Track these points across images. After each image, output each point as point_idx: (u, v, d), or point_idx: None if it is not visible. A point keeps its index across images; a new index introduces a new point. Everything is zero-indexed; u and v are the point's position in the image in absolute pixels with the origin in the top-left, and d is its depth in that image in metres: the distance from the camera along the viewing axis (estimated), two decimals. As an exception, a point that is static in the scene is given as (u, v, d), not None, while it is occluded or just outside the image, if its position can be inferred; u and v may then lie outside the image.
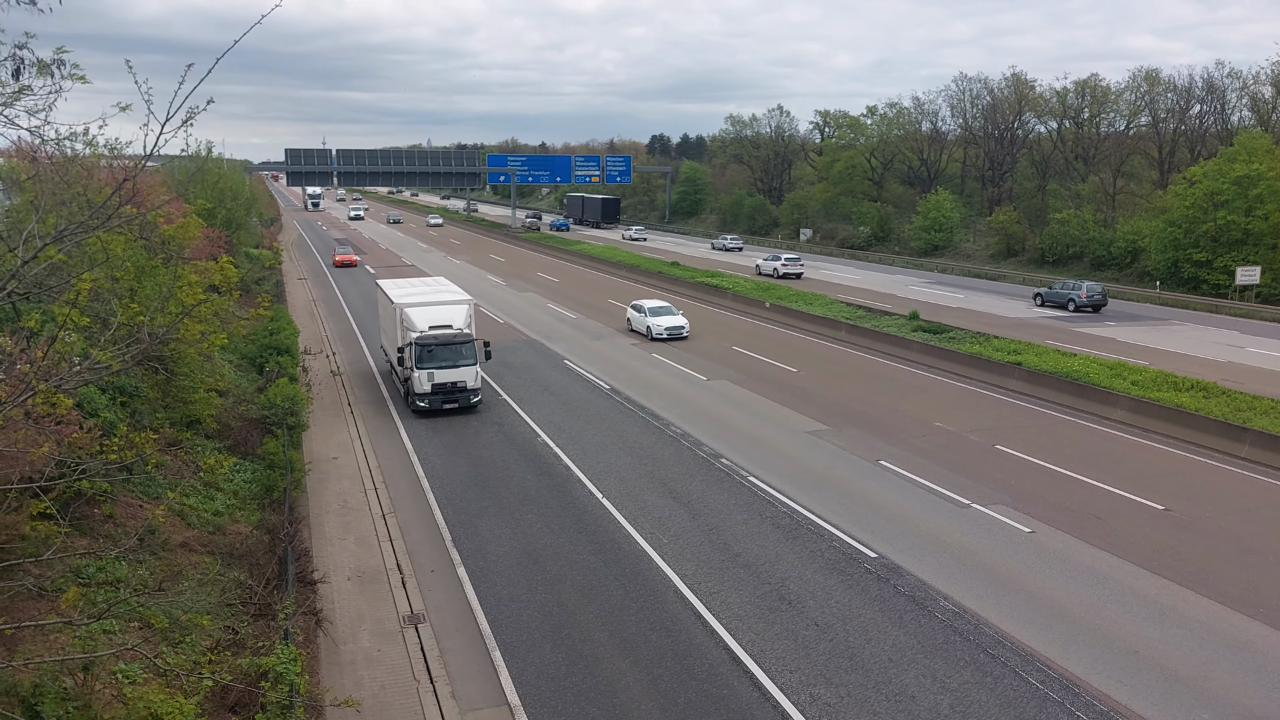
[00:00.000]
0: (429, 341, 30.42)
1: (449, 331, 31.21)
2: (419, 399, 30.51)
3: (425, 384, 30.30)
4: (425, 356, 30.31)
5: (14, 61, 8.84)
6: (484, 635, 16.73)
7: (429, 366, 30.32)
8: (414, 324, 31.23)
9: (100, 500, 16.85)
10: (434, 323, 31.32)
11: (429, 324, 31.18)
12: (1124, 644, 16.23)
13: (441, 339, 30.68)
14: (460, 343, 30.84)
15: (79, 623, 10.39)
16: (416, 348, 30.26)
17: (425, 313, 31.66)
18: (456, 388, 30.66)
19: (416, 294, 34.25)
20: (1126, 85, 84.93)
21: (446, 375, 30.43)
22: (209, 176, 58.06)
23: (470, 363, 30.91)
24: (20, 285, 9.26)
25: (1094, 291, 54.39)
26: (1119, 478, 24.65)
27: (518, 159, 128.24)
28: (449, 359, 30.61)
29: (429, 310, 31.86)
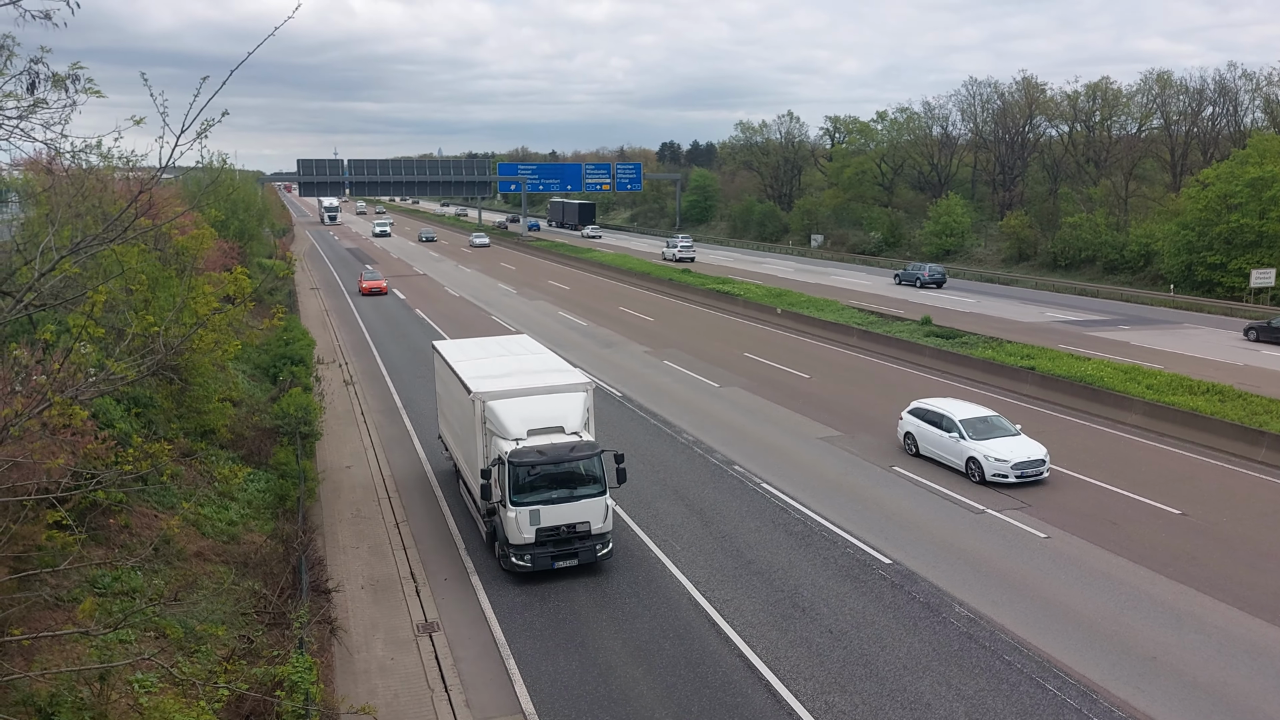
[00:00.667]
0: (531, 460, 18.98)
1: (561, 440, 19.59)
2: (517, 553, 19.00)
3: (526, 529, 18.87)
4: (524, 484, 19.05)
5: (30, 75, 8.92)
6: (497, 643, 16.74)
7: (531, 501, 18.94)
8: (503, 426, 19.67)
9: (116, 510, 16.92)
10: (535, 423, 19.88)
11: (527, 426, 19.73)
12: (1142, 650, 16.12)
13: (551, 454, 19.17)
14: (580, 458, 19.32)
15: (95, 633, 10.43)
16: (510, 469, 18.84)
17: (520, 408, 20.08)
18: (575, 533, 19.21)
19: (498, 368, 22.73)
20: (1138, 88, 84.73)
21: (560, 514, 19.06)
22: (222, 188, 58.35)
23: (596, 491, 19.29)
24: (37, 297, 9.33)
25: (935, 272, 69.54)
26: (1134, 482, 24.51)
27: (528, 168, 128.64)
28: (563, 487, 19.28)
29: (526, 403, 20.25)
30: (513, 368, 22.95)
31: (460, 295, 65.67)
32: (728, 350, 43.65)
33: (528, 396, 20.45)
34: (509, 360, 23.90)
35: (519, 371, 22.46)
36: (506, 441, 19.43)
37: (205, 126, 8.51)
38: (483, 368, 22.82)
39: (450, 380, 23.84)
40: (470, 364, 23.31)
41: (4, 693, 11.31)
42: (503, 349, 25.57)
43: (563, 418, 20.21)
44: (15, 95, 9.01)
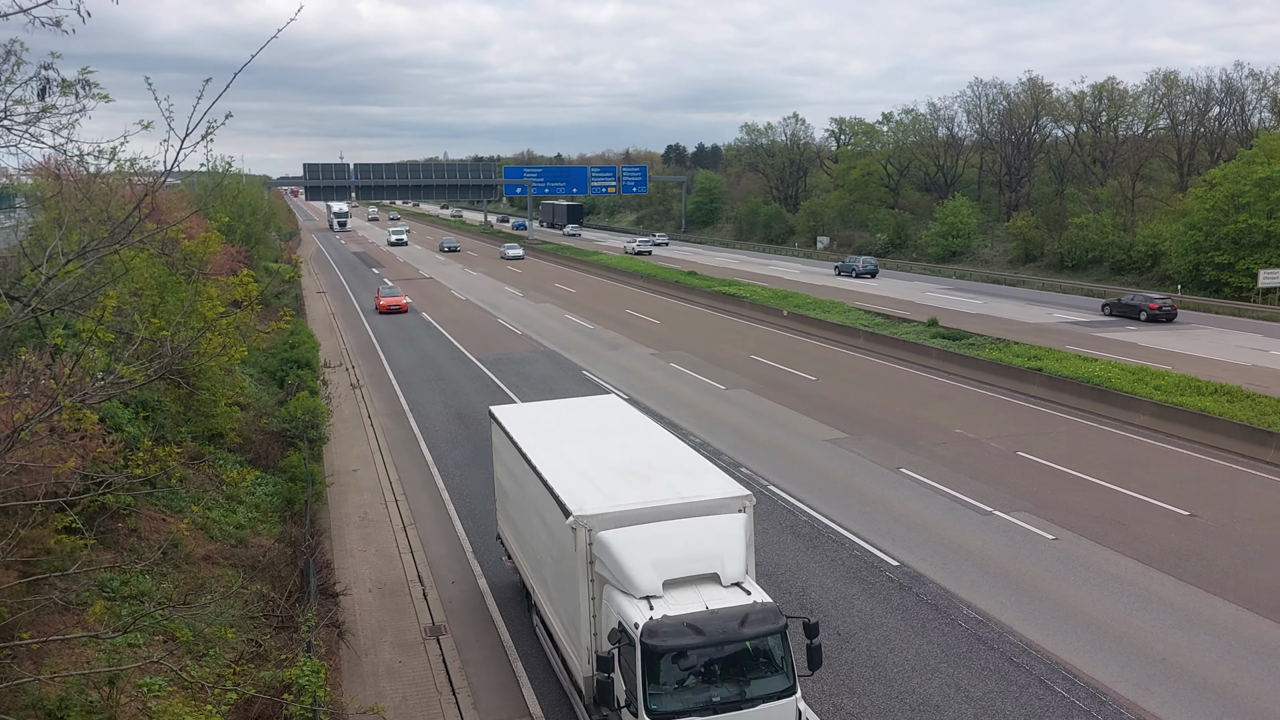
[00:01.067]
0: (682, 643, 11.77)
1: (724, 605, 12.34)
2: None
3: None
4: (671, 682, 11.86)
5: (40, 81, 8.95)
6: (505, 647, 16.74)
7: (682, 710, 11.78)
8: (627, 575, 12.53)
9: (125, 514, 16.97)
10: (676, 569, 12.68)
11: (664, 574, 12.52)
12: (1151, 651, 16.07)
13: (713, 632, 11.95)
14: (758, 635, 12.19)
15: (105, 636, 10.46)
16: (646, 658, 11.71)
17: (650, 542, 12.86)
18: None
19: (595, 459, 15.42)
20: (1144, 88, 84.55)
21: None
22: (228, 192, 58.53)
23: (780, 688, 12.28)
24: (44, 301, 9.36)
25: (869, 264, 77.77)
26: (1143, 484, 24.44)
27: (534, 170, 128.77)
28: (730, 682, 12.16)
29: (658, 534, 13.02)
30: (619, 458, 15.18)
31: (466, 298, 65.76)
32: (734, 352, 43.63)
33: (660, 522, 13.00)
34: (608, 443, 16.14)
35: (633, 469, 14.63)
36: (633, 603, 12.07)
37: (210, 129, 8.55)
38: (571, 457, 15.24)
39: (522, 472, 16.08)
40: (552, 452, 15.54)
41: (14, 696, 11.34)
42: (592, 420, 18.15)
43: (717, 558, 12.72)
44: (25, 101, 9.05)
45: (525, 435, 16.80)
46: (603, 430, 17.32)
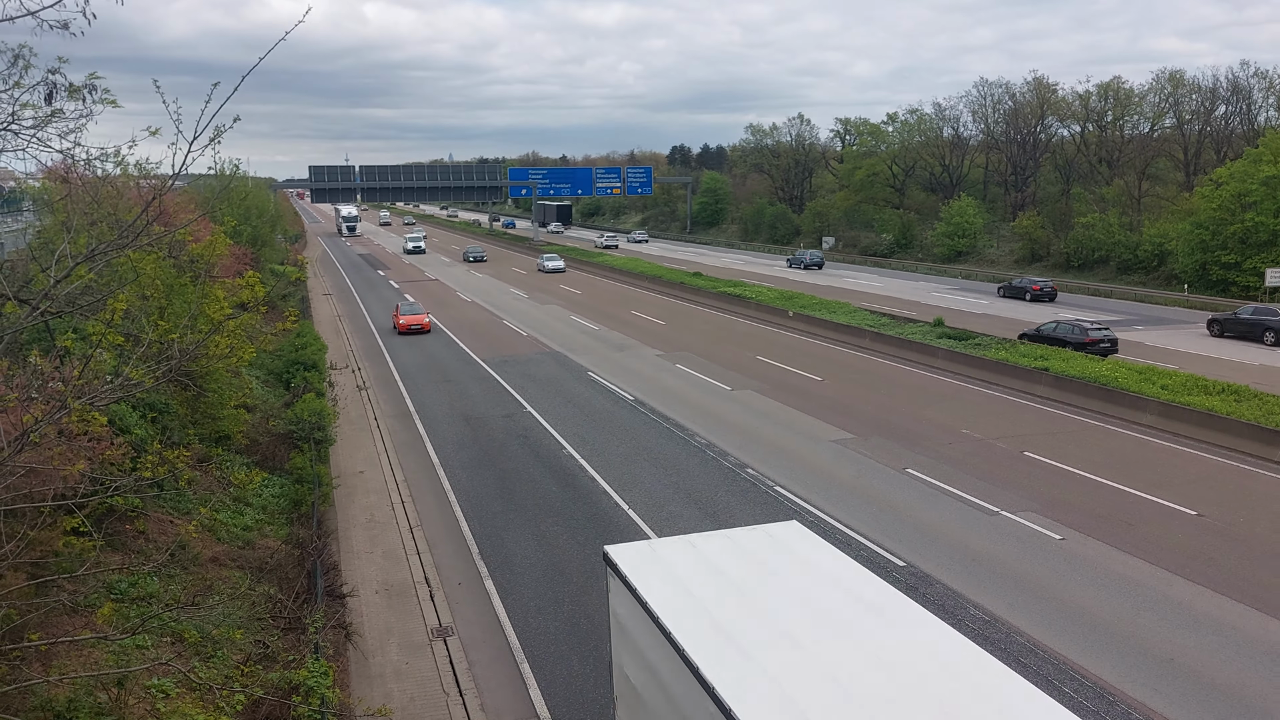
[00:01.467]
0: None
1: None
2: None
3: None
4: None
5: (47, 86, 9.00)
6: (512, 647, 16.75)
7: None
8: None
9: (132, 516, 17.03)
10: None
11: None
12: (1158, 651, 16.03)
13: None
14: None
15: (113, 638, 10.50)
16: None
17: None
18: None
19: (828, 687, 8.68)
20: (1150, 87, 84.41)
21: None
22: (235, 195, 58.72)
23: None
24: (52, 304, 9.40)
25: (815, 256, 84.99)
26: (1150, 483, 24.39)
27: (539, 172, 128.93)
28: None
29: None
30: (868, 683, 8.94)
31: (472, 300, 65.84)
32: (739, 353, 43.62)
33: None
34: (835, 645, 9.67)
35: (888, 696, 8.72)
36: None
37: (217, 133, 8.59)
38: (781, 676, 8.90)
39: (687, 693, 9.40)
40: (741, 662, 9.18)
41: (23, 697, 11.39)
42: (784, 582, 11.16)
43: None
44: (33, 105, 9.10)
45: (681, 618, 10.07)
46: (811, 606, 10.47)
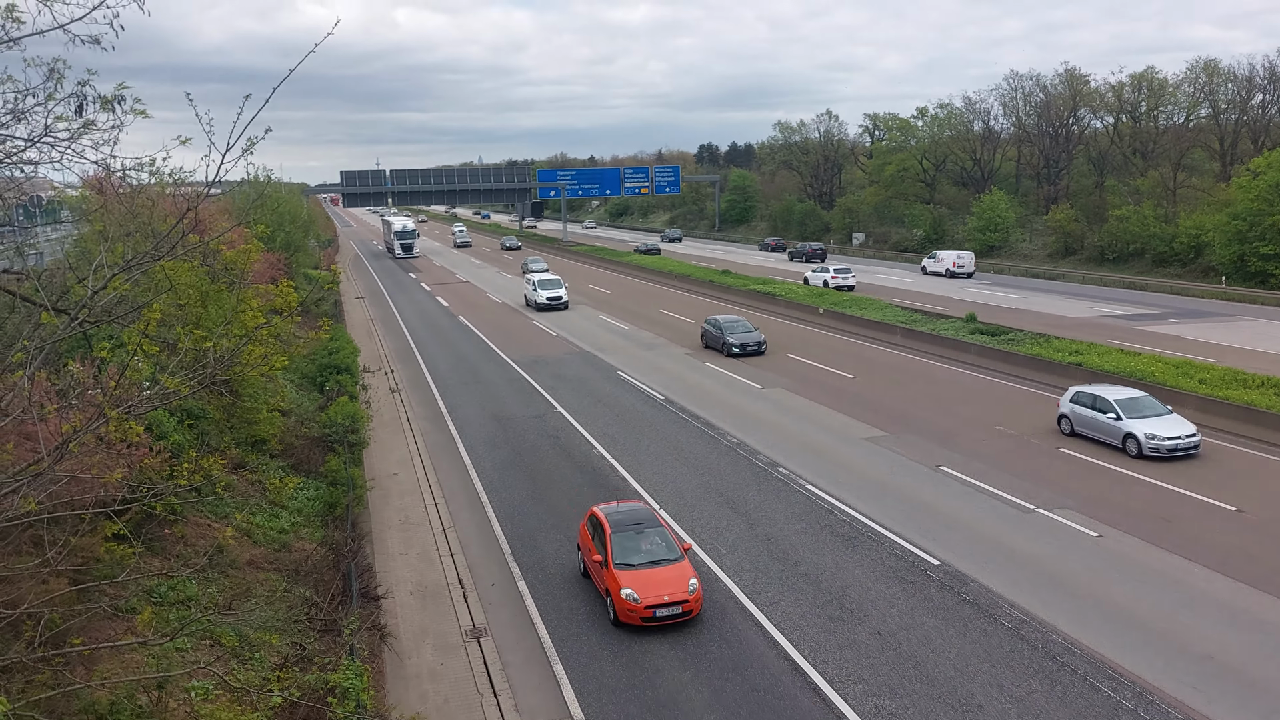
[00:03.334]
0: None
1: None
2: None
3: None
4: None
5: (77, 97, 9.13)
6: (545, 648, 16.83)
7: None
8: None
9: (171, 521, 17.27)
10: None
11: None
12: (1198, 649, 15.82)
13: None
14: None
15: (153, 642, 10.66)
16: None
17: None
18: None
19: None
20: (1184, 77, 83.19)
21: None
22: (268, 202, 59.30)
23: None
24: (90, 314, 9.56)
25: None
26: (1189, 479, 24.04)
27: (567, 173, 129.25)
28: None
29: None
30: None
31: (503, 301, 66.12)
32: (770, 351, 43.47)
33: None
34: None
35: None
36: None
37: (250, 143, 8.69)
38: None
39: None
40: None
41: (67, 701, 11.59)
42: None
43: None
44: (66, 117, 9.25)
45: None
46: None
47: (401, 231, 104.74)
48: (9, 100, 8.96)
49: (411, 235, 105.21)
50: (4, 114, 9.06)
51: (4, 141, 9.36)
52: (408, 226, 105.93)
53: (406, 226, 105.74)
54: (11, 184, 11.38)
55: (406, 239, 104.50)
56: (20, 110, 8.98)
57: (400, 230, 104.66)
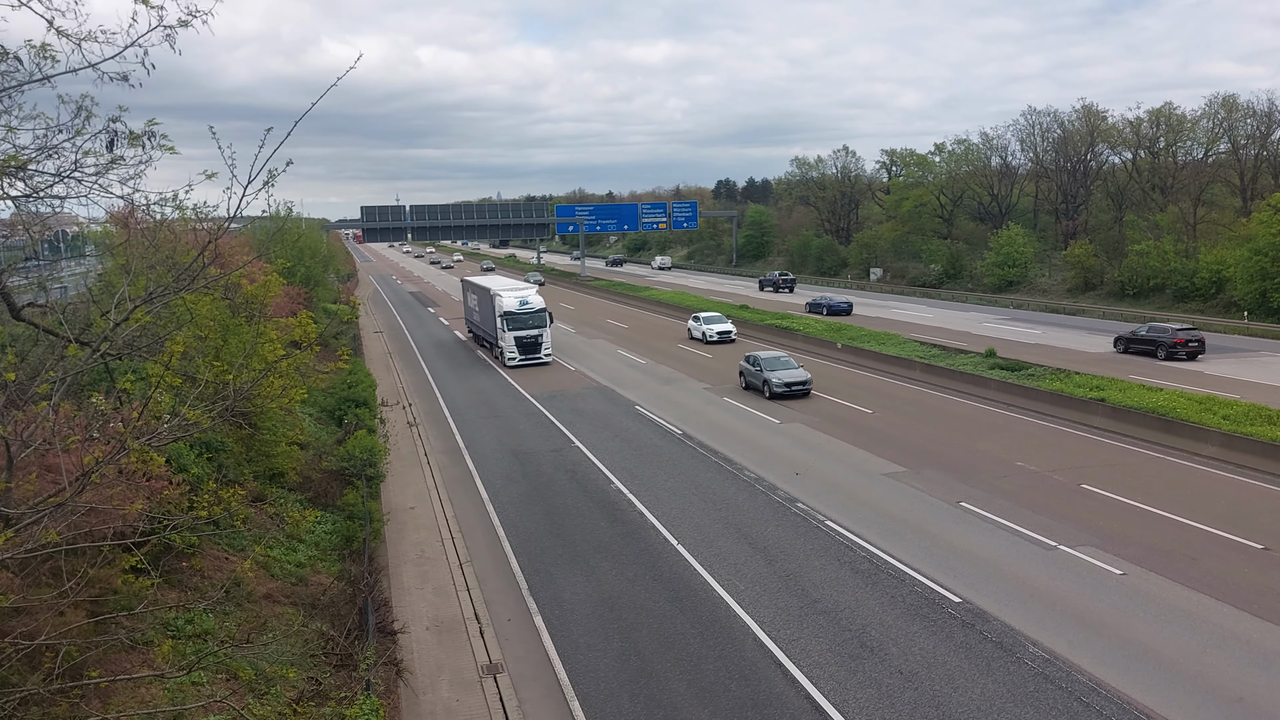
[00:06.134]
0: None
1: None
2: None
3: None
4: None
5: (108, 134, 9.28)
6: (562, 685, 16.66)
7: None
8: None
9: (189, 554, 17.28)
10: None
11: None
12: (1227, 691, 15.50)
13: None
14: None
15: (170, 675, 10.62)
16: None
17: None
18: None
19: None
20: (1203, 112, 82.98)
21: None
22: (288, 236, 59.89)
23: None
24: (112, 346, 9.63)
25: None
26: (1214, 516, 23.71)
27: (585, 209, 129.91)
28: None
29: None
30: None
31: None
32: (788, 386, 43.28)
33: None
34: None
35: None
36: None
37: (271, 177, 8.80)
38: None
39: None
40: None
41: (82, 734, 11.53)
42: None
43: None
44: (95, 153, 9.38)
45: None
46: None
47: (518, 313, 50.84)
48: (39, 136, 9.10)
49: (538, 318, 51.36)
50: (34, 149, 9.19)
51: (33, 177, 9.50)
52: (527, 301, 51.28)
53: (526, 301, 51.20)
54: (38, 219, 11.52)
55: (528, 327, 50.99)
56: (50, 146, 9.11)
57: (515, 311, 50.82)
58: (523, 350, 50.55)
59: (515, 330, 50.37)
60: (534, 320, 50.90)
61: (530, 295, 51.54)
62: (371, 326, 74.67)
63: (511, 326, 50.44)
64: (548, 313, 51.81)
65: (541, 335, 50.91)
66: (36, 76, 8.72)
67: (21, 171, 9.18)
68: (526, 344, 50.64)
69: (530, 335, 50.57)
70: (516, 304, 50.57)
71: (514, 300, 50.76)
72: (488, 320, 55.04)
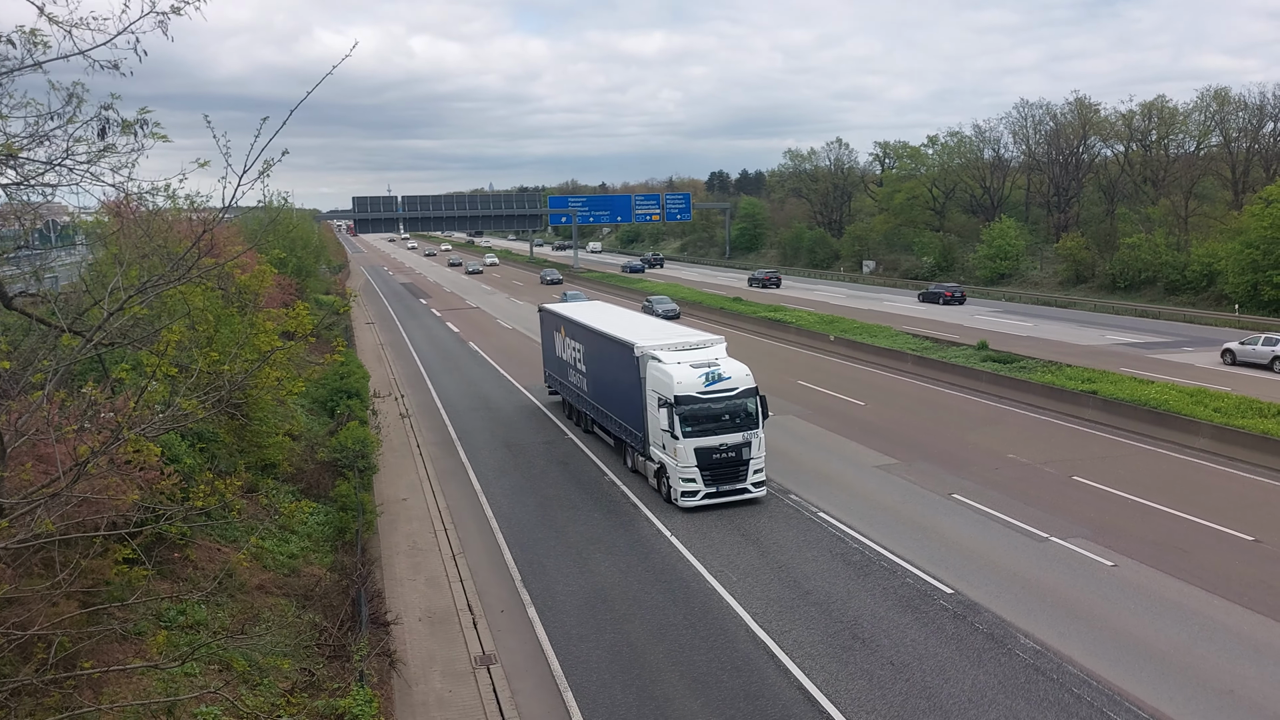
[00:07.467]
0: None
1: None
2: None
3: None
4: None
5: (100, 121, 9.21)
6: (555, 675, 16.69)
7: None
8: None
9: (181, 545, 17.24)
10: None
11: None
12: (1218, 683, 15.60)
13: None
14: None
15: (163, 666, 10.60)
16: None
17: None
18: None
19: None
20: (1195, 105, 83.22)
21: None
22: (281, 227, 59.66)
23: None
24: (106, 336, 9.59)
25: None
26: (1204, 508, 23.83)
27: (578, 200, 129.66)
28: None
29: None
30: None
31: (513, 328, 66.21)
32: (781, 378, 43.36)
33: None
34: None
35: None
36: None
37: (266, 167, 8.74)
38: None
39: None
40: None
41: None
42: None
43: None
44: (86, 140, 9.31)
45: None
46: None
47: (704, 399, 25.63)
48: (30, 123, 9.03)
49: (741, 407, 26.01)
50: (24, 137, 9.13)
51: (23, 165, 9.43)
52: (718, 372, 26.02)
53: (717, 372, 25.97)
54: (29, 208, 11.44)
55: (723, 425, 25.74)
56: (41, 133, 9.04)
57: (700, 394, 25.58)
58: (714, 475, 25.37)
59: (698, 434, 25.26)
60: (735, 411, 25.80)
61: (721, 357, 26.98)
62: (363, 317, 74.50)
63: (690, 426, 25.32)
64: (759, 395, 26.11)
65: (749, 443, 25.61)
66: (28, 63, 8.64)
67: (12, 159, 9.12)
68: (722, 462, 25.39)
69: (728, 445, 25.46)
70: (699, 380, 25.50)
71: (691, 373, 25.67)
72: (614, 393, 30.49)
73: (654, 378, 26.38)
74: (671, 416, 25.08)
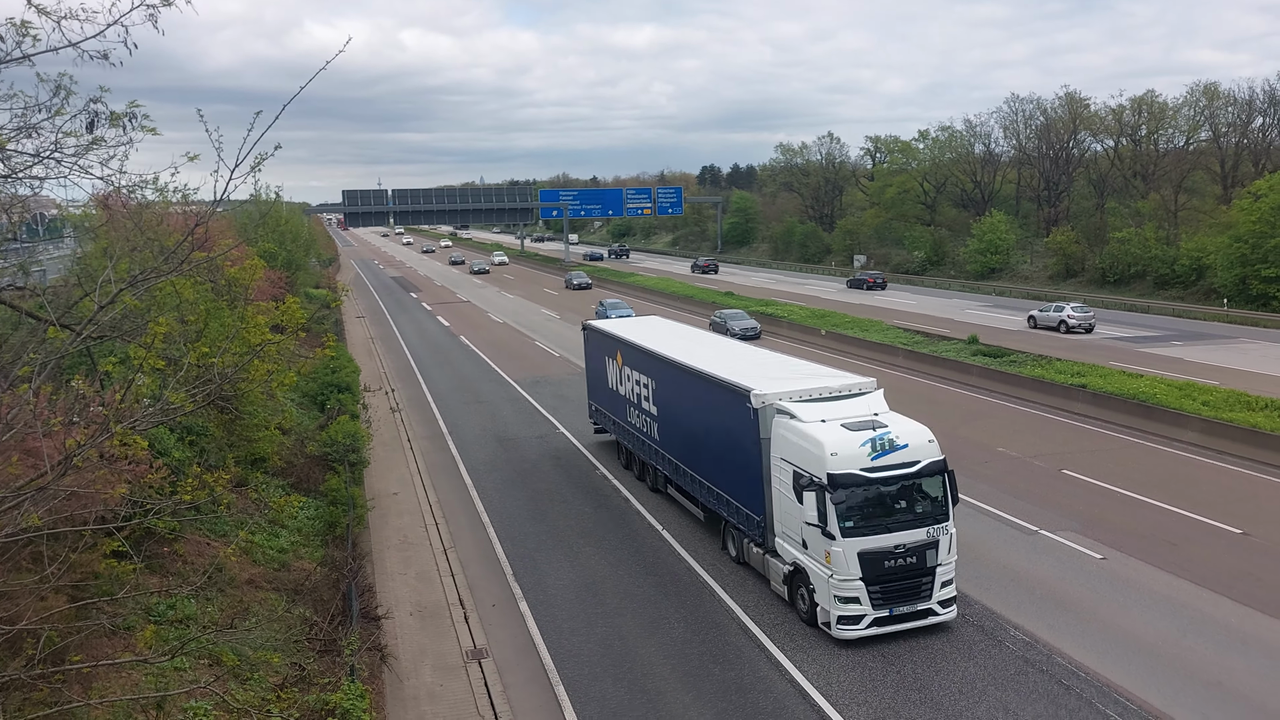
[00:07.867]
0: None
1: None
2: None
3: None
4: None
5: (88, 114, 9.14)
6: (546, 669, 16.69)
7: None
8: None
9: (171, 539, 17.17)
10: None
11: None
12: (1206, 675, 15.68)
13: None
14: None
15: (153, 660, 10.57)
16: None
17: None
18: None
19: None
20: (1184, 100, 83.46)
21: None
22: (271, 221, 59.40)
23: None
24: (95, 329, 9.53)
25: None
26: (1193, 502, 23.95)
27: (570, 193, 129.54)
28: None
29: None
30: None
31: (504, 321, 66.14)
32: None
33: None
34: None
35: None
36: None
37: (259, 161, 8.70)
38: None
39: None
40: None
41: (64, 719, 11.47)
42: None
43: None
44: (74, 133, 9.24)
45: None
46: None
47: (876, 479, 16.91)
48: (17, 115, 8.96)
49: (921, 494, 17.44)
50: (12, 129, 9.06)
51: (11, 158, 9.37)
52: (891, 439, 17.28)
53: (889, 440, 17.23)
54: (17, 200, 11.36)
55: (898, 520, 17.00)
56: (29, 125, 8.97)
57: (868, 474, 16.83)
58: (885, 593, 16.89)
59: (863, 531, 16.82)
60: (915, 497, 17.44)
61: (882, 410, 19.43)
62: (353, 311, 74.30)
63: (853, 520, 16.83)
64: (947, 470, 17.65)
65: (937, 542, 17.17)
66: (16, 55, 8.58)
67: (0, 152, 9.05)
68: (898, 572, 16.97)
69: (907, 547, 16.97)
70: (862, 451, 17.07)
71: (849, 439, 17.28)
72: (708, 451, 22.28)
73: (786, 441, 18.14)
74: (823, 504, 16.60)
